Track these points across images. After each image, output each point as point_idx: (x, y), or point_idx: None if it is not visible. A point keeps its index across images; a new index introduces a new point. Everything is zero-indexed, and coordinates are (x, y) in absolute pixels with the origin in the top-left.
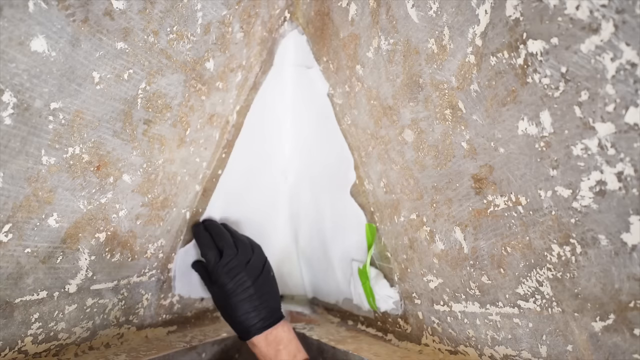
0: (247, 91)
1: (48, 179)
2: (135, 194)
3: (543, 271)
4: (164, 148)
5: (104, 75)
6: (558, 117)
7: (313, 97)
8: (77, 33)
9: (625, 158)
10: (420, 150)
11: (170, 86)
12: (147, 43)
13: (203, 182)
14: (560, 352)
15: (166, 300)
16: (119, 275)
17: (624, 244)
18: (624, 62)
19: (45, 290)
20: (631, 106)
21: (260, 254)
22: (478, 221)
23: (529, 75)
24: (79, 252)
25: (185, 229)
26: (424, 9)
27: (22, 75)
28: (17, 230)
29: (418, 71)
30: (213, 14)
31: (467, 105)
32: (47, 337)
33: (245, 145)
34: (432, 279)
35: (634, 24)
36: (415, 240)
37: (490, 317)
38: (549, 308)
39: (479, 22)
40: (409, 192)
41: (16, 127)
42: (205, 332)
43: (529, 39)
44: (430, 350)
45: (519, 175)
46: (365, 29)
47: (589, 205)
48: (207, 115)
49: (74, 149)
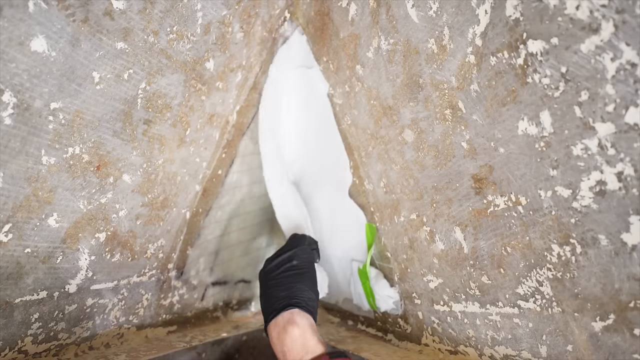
0: (247, 91)
1: (48, 179)
2: (135, 194)
3: (543, 271)
4: (164, 148)
5: (104, 75)
6: (558, 117)
7: (313, 97)
8: (77, 33)
9: (625, 158)
10: (420, 150)
11: (170, 86)
12: (147, 43)
13: (203, 182)
14: (560, 352)
15: (166, 300)
16: (119, 275)
17: (624, 244)
18: (624, 62)
19: (45, 290)
20: (631, 106)
21: (299, 252)
22: (478, 221)
23: (529, 75)
24: (79, 252)
25: (186, 229)
26: (424, 9)
27: (22, 75)
28: (17, 230)
29: (418, 71)
30: (213, 14)
31: (467, 105)
32: (47, 337)
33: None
34: (432, 279)
35: (634, 24)
36: (415, 240)
37: (490, 317)
38: (549, 308)
39: (479, 22)
40: (409, 192)
41: (16, 127)
42: (205, 332)
43: (529, 39)
44: (430, 350)
45: (519, 175)
46: (365, 29)
47: (589, 205)
48: (207, 115)
49: (74, 149)
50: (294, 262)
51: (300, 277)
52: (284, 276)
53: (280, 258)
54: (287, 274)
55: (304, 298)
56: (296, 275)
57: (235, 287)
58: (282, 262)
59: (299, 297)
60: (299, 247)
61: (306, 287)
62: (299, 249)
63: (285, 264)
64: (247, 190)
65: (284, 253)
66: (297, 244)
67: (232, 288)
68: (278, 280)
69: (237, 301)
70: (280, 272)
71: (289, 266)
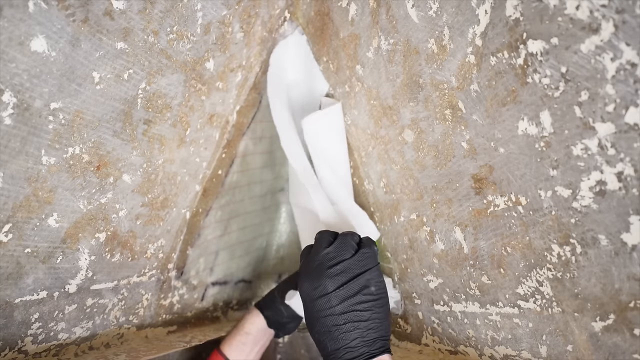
0: (247, 91)
1: (48, 179)
2: (135, 194)
3: (543, 271)
4: (164, 148)
5: (104, 75)
6: (558, 117)
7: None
8: (77, 33)
9: (625, 158)
10: (420, 150)
11: (170, 86)
12: (147, 43)
13: (203, 182)
14: (560, 352)
15: (166, 300)
16: (119, 275)
17: (624, 244)
18: (624, 62)
19: (45, 290)
20: (631, 106)
21: (361, 260)
22: (478, 221)
23: (529, 75)
24: (79, 252)
25: (186, 229)
26: (424, 9)
27: (22, 75)
28: (17, 230)
29: (418, 71)
30: (213, 14)
31: (467, 105)
32: (47, 337)
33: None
34: (432, 279)
35: (634, 24)
36: (415, 240)
37: (490, 317)
38: (549, 308)
39: (479, 22)
40: (409, 192)
41: (16, 127)
42: (205, 332)
43: (529, 39)
44: (430, 350)
45: (519, 175)
46: (365, 29)
47: (589, 205)
48: (207, 115)
49: (74, 149)
50: (372, 289)
51: (382, 306)
52: (364, 307)
53: (354, 284)
54: (366, 305)
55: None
56: (377, 304)
57: (236, 287)
58: (358, 289)
59: (388, 334)
60: (374, 267)
61: (387, 318)
62: (376, 270)
63: (361, 290)
64: (247, 190)
65: (357, 276)
66: (368, 261)
67: (232, 288)
68: (356, 312)
69: (237, 301)
70: (358, 302)
71: (367, 293)
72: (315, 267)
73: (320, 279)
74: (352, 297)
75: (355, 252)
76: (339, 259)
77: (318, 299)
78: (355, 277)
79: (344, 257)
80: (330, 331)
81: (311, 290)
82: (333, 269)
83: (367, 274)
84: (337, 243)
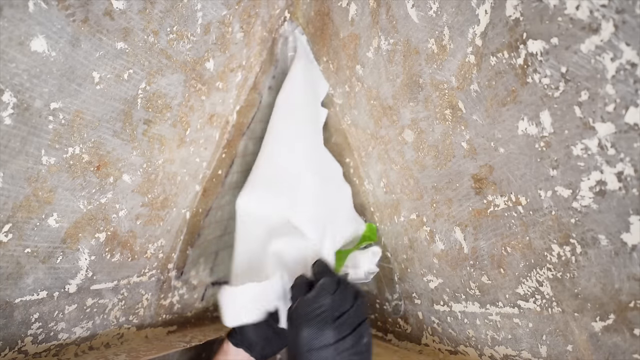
0: (247, 91)
1: (48, 179)
2: (135, 194)
3: (543, 271)
4: (164, 148)
5: (104, 75)
6: (558, 117)
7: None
8: (77, 33)
9: (625, 158)
10: (420, 150)
11: (170, 86)
12: (147, 43)
13: (203, 182)
14: (560, 352)
15: (166, 300)
16: (119, 275)
17: (624, 244)
18: (624, 62)
19: (45, 290)
20: (631, 106)
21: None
22: (478, 221)
23: (529, 75)
24: (79, 252)
25: (186, 229)
26: (424, 9)
27: (22, 75)
28: (17, 230)
29: (418, 71)
30: (213, 14)
31: (467, 105)
32: (47, 337)
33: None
34: (432, 279)
35: (634, 24)
36: (415, 240)
37: (490, 317)
38: (549, 308)
39: (479, 22)
40: (409, 192)
41: (16, 127)
42: (205, 332)
43: (529, 39)
44: (430, 350)
45: (519, 175)
46: (365, 29)
47: (589, 205)
48: (207, 115)
49: (74, 149)
50: (365, 340)
51: (369, 356)
52: (357, 359)
53: (353, 336)
54: (360, 357)
55: None
56: (367, 355)
57: None
58: (355, 340)
59: None
60: (367, 318)
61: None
62: (367, 320)
63: (358, 341)
64: None
65: (356, 328)
66: (364, 311)
67: None
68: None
69: None
70: (353, 352)
71: (361, 344)
72: (317, 315)
73: (323, 329)
74: (349, 349)
75: (354, 300)
76: (342, 310)
77: (319, 350)
78: (355, 328)
79: (346, 308)
80: None
81: (311, 339)
82: (337, 321)
83: (363, 325)
84: (340, 292)
